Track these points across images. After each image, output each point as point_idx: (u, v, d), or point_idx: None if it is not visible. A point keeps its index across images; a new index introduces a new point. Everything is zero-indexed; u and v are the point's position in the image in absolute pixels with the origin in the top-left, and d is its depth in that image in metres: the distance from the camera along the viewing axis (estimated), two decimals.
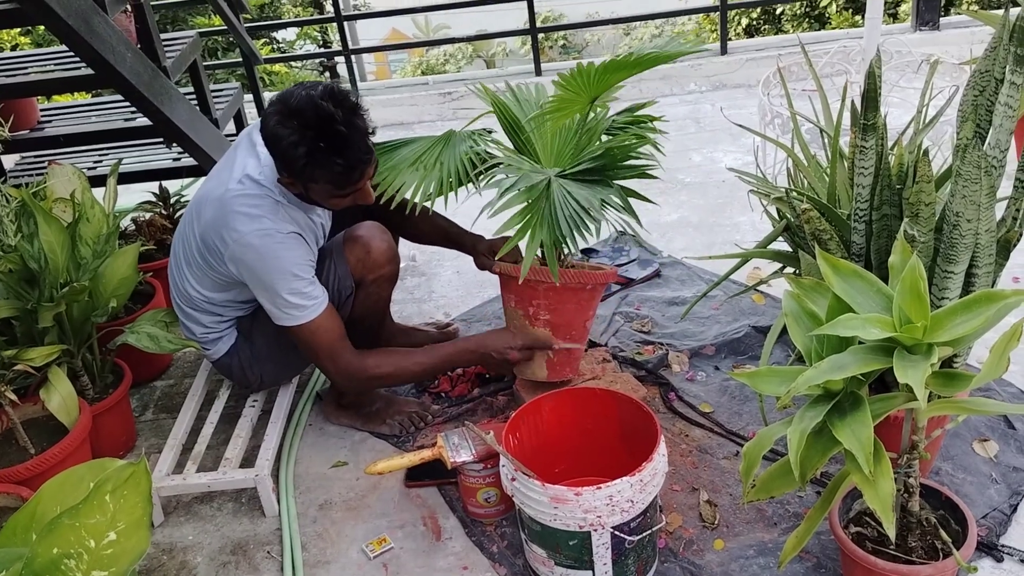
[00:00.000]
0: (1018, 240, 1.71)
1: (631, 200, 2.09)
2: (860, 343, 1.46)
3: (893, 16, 7.54)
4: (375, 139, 1.98)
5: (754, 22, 8.17)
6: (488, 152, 2.13)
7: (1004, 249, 1.69)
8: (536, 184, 1.98)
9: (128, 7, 2.62)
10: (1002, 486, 1.95)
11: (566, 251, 2.12)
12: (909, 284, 1.41)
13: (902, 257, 1.49)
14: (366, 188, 1.99)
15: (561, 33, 13.44)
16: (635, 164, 2.11)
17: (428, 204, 2.13)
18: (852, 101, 1.73)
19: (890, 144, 1.81)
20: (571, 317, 2.18)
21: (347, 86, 4.68)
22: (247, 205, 1.97)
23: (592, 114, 2.18)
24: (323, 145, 1.84)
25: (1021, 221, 1.71)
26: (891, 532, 1.41)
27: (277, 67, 8.76)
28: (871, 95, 1.61)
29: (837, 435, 1.41)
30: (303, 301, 2.01)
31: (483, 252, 2.31)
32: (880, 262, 1.75)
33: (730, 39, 4.75)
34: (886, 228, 1.73)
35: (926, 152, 1.53)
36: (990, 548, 1.81)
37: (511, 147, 2.21)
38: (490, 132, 2.24)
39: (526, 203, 1.96)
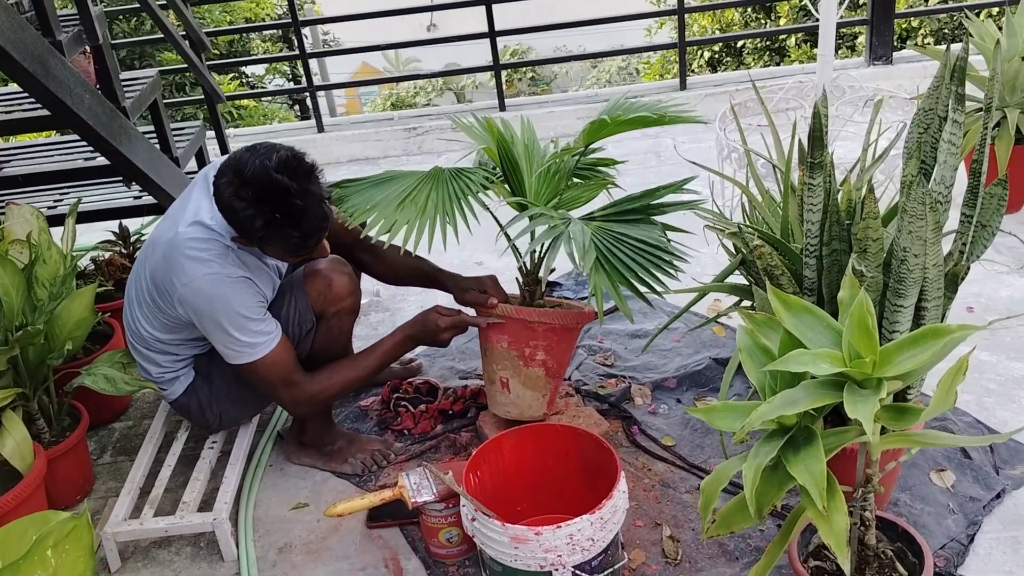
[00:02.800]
0: (965, 274, 1.74)
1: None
2: (812, 378, 1.47)
3: (852, 48, 7.71)
4: (343, 175, 1.98)
5: (716, 55, 8.30)
6: (486, 185, 2.11)
7: (952, 283, 1.72)
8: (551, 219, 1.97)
9: (87, 48, 2.61)
10: (959, 516, 1.97)
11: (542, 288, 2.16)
12: (857, 319, 1.43)
13: (851, 292, 1.51)
14: (322, 246, 2.02)
15: (529, 67, 13.59)
16: (681, 201, 2.14)
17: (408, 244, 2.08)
18: (800, 139, 1.76)
19: (840, 180, 1.85)
20: (562, 356, 2.20)
21: (316, 138, 4.69)
22: (196, 249, 1.97)
23: (560, 159, 2.22)
24: (279, 218, 1.86)
25: (968, 255, 1.75)
26: (846, 566, 1.41)
27: (246, 102, 8.76)
28: (816, 134, 1.65)
29: (791, 470, 1.42)
30: (254, 339, 2.01)
31: (471, 290, 2.23)
32: (831, 296, 1.78)
33: (693, 71, 4.82)
34: (836, 263, 1.76)
35: (871, 189, 1.56)
36: None
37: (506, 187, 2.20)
38: (483, 168, 2.20)
39: (595, 249, 1.93)
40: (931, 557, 1.62)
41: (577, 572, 1.69)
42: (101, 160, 2.98)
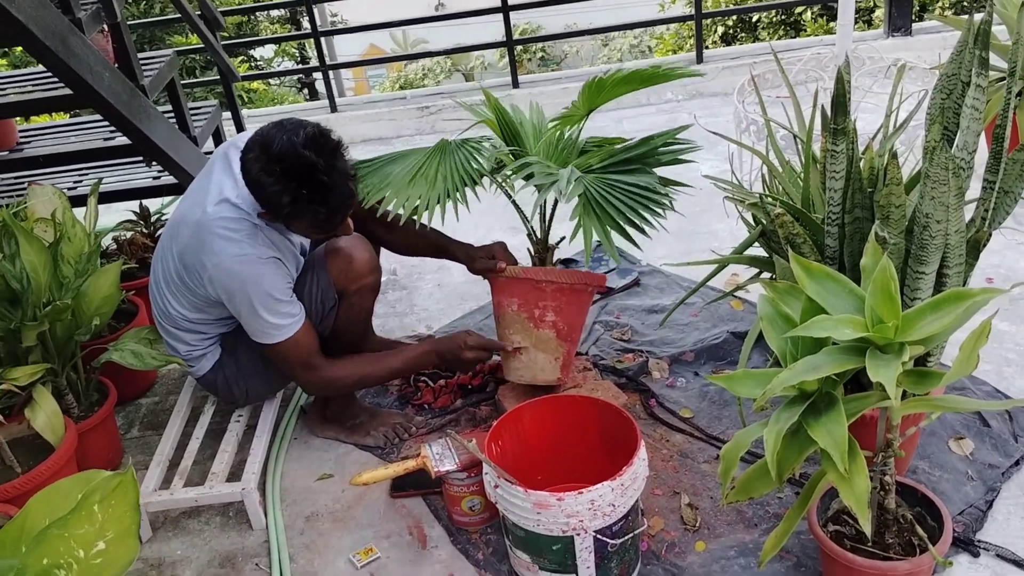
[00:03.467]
0: (987, 240, 1.75)
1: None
2: (834, 344, 1.49)
3: (868, 22, 7.64)
4: (357, 156, 2.00)
5: (730, 30, 8.24)
6: (490, 151, 2.16)
7: (974, 249, 1.73)
8: (547, 168, 2.02)
9: (105, 27, 2.63)
10: (978, 483, 1.98)
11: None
12: (880, 285, 1.44)
13: (873, 259, 1.52)
14: (347, 223, 2.03)
15: (540, 45, 13.52)
16: (674, 148, 2.18)
17: (423, 218, 2.14)
18: (823, 107, 1.76)
19: (862, 148, 1.85)
20: (574, 318, 2.21)
21: (330, 117, 4.70)
22: (226, 229, 1.99)
23: (567, 134, 2.24)
24: (306, 194, 1.87)
25: (990, 221, 1.75)
26: (867, 528, 1.44)
27: (255, 84, 8.76)
28: (840, 100, 1.65)
29: (812, 434, 1.44)
30: (281, 320, 2.03)
31: (480, 257, 2.26)
32: (853, 264, 1.79)
33: (706, 47, 4.80)
34: (858, 231, 1.77)
35: (895, 155, 1.56)
36: (967, 544, 1.84)
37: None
38: (488, 139, 2.25)
39: (582, 194, 1.97)
40: (949, 521, 1.64)
41: (598, 536, 1.72)
42: (120, 140, 3.01)
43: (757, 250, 2.17)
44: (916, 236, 1.61)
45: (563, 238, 2.26)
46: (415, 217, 2.04)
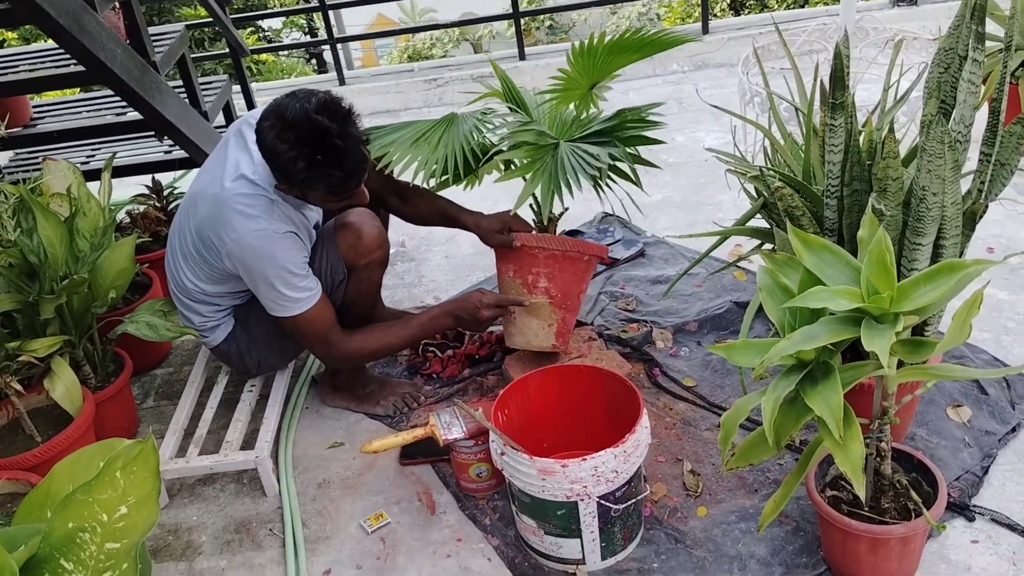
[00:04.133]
0: (984, 212, 1.78)
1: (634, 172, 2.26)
2: (831, 314, 1.52)
3: None
4: (365, 124, 2.05)
5: None
6: (496, 123, 2.23)
7: (970, 221, 1.75)
8: (544, 138, 2.10)
9: (117, 4, 2.66)
10: (975, 449, 2.02)
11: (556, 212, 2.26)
12: (876, 256, 1.47)
13: (870, 230, 1.55)
14: (361, 191, 2.06)
15: (548, 15, 13.43)
16: (645, 123, 2.22)
17: (429, 184, 2.21)
18: (821, 80, 1.78)
19: (862, 121, 1.87)
20: (568, 286, 2.25)
21: (337, 90, 4.72)
22: (244, 204, 2.02)
23: (584, 113, 2.27)
24: (321, 159, 1.91)
25: (986, 193, 1.78)
26: (861, 492, 1.48)
27: (264, 56, 8.77)
28: (838, 75, 1.67)
29: (809, 402, 1.48)
30: (298, 295, 2.08)
31: (494, 231, 2.29)
32: (851, 236, 1.82)
33: (716, 15, 4.79)
34: (857, 203, 1.79)
35: (892, 129, 1.59)
36: (962, 508, 1.88)
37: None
38: (493, 111, 2.30)
39: (535, 149, 2.07)
40: (944, 486, 1.68)
41: (602, 502, 1.77)
42: (132, 115, 3.04)
43: (760, 222, 2.20)
44: (913, 208, 1.64)
45: (566, 209, 2.30)
46: (419, 182, 2.11)
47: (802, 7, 7.50)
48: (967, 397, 2.17)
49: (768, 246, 2.17)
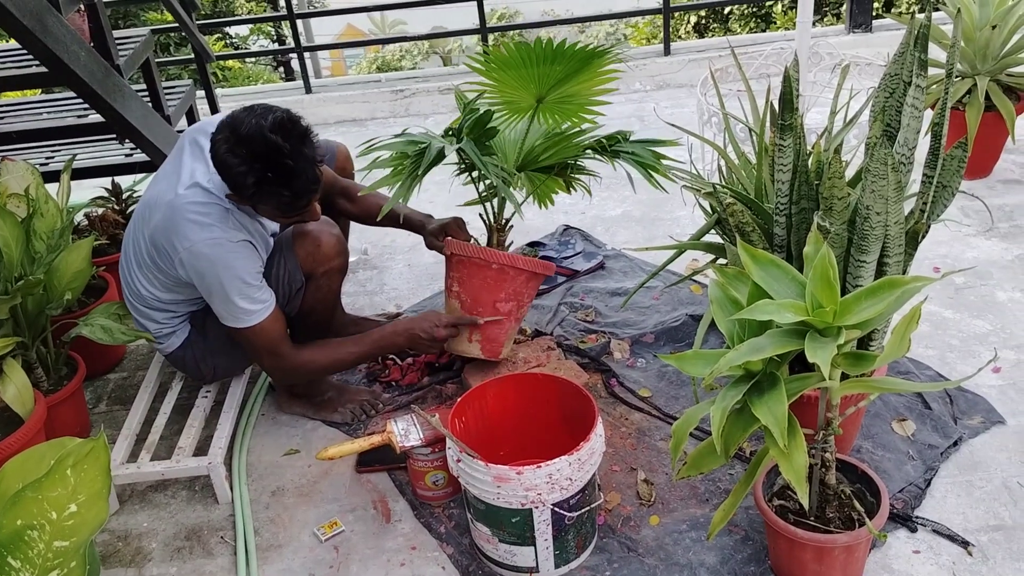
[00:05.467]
0: (926, 232, 1.84)
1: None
2: (777, 327, 1.57)
3: (838, 16, 7.76)
4: (331, 137, 2.05)
5: (703, 20, 8.33)
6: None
7: (912, 240, 1.81)
8: (413, 146, 2.12)
9: (82, 6, 2.65)
10: (918, 462, 2.08)
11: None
12: (820, 272, 1.52)
13: (815, 247, 1.60)
14: (313, 208, 2.07)
15: (516, 32, 13.52)
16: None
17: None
18: (772, 102, 1.84)
19: (811, 143, 1.93)
20: (476, 292, 2.27)
21: (304, 99, 4.72)
22: (197, 213, 2.03)
23: (550, 125, 2.30)
24: (271, 176, 1.92)
25: (928, 214, 1.84)
26: (805, 501, 1.52)
27: (231, 63, 8.72)
28: (787, 98, 1.73)
29: (755, 412, 1.51)
30: (252, 306, 2.08)
31: (432, 232, 2.38)
32: (799, 253, 1.87)
33: (680, 37, 4.88)
34: (805, 221, 1.85)
35: (838, 150, 1.64)
36: (905, 519, 1.94)
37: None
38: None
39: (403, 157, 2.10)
40: (887, 496, 1.73)
41: (556, 509, 1.79)
42: (94, 117, 3.03)
43: (716, 237, 2.25)
44: (858, 227, 1.69)
45: (511, 216, 2.34)
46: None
47: (763, 31, 7.66)
48: (911, 411, 2.23)
49: (722, 261, 2.22)
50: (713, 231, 2.22)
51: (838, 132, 2.03)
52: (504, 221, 2.39)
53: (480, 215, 2.38)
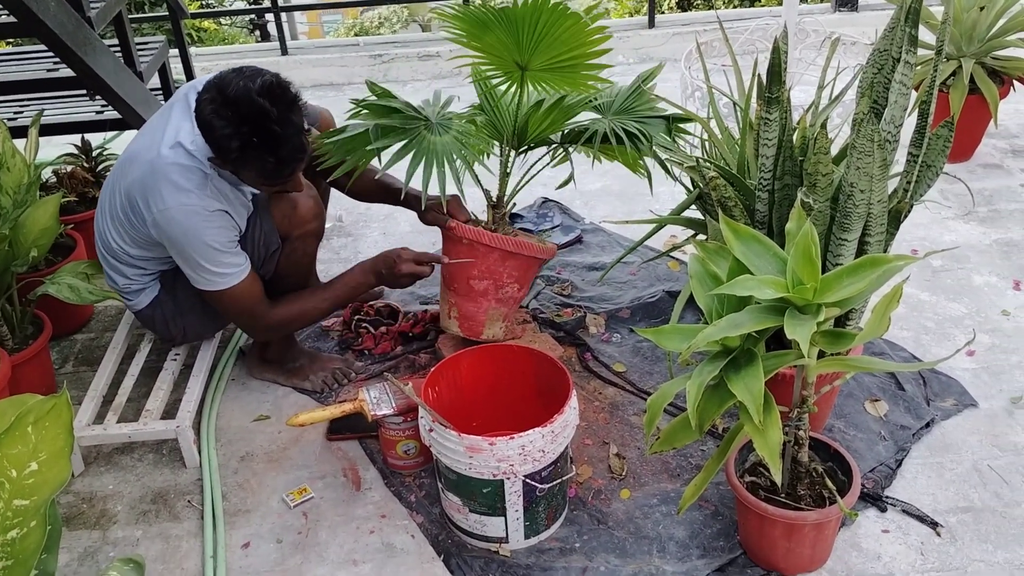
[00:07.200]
0: (909, 211, 1.83)
1: None
2: (756, 303, 1.56)
3: None
4: (312, 101, 1.98)
5: None
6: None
7: (895, 219, 1.80)
8: (411, 120, 2.10)
9: None
10: (890, 443, 2.09)
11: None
12: (802, 248, 1.51)
13: (798, 223, 1.59)
14: (297, 179, 2.03)
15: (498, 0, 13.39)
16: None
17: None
18: (759, 75, 1.82)
19: (797, 119, 1.91)
20: (455, 268, 2.23)
21: (280, 60, 4.63)
22: (177, 175, 1.97)
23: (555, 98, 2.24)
24: (256, 141, 1.86)
25: (912, 193, 1.83)
26: (777, 477, 1.52)
27: (206, 23, 8.55)
28: (775, 69, 1.70)
29: (731, 387, 1.51)
30: (223, 270, 2.04)
31: (431, 208, 2.26)
32: (781, 229, 1.86)
33: (663, 11, 4.84)
34: (787, 197, 1.83)
35: (824, 125, 1.62)
36: (875, 499, 1.95)
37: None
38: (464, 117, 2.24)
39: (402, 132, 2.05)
40: (858, 474, 1.73)
41: (528, 481, 1.78)
42: (64, 72, 2.94)
43: (696, 213, 2.24)
44: (841, 204, 1.68)
45: (507, 194, 2.30)
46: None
47: (750, 6, 7.61)
48: (885, 392, 2.24)
49: (702, 237, 2.20)
50: (693, 207, 2.21)
51: (823, 108, 2.01)
52: (500, 197, 2.33)
53: (485, 193, 2.31)
